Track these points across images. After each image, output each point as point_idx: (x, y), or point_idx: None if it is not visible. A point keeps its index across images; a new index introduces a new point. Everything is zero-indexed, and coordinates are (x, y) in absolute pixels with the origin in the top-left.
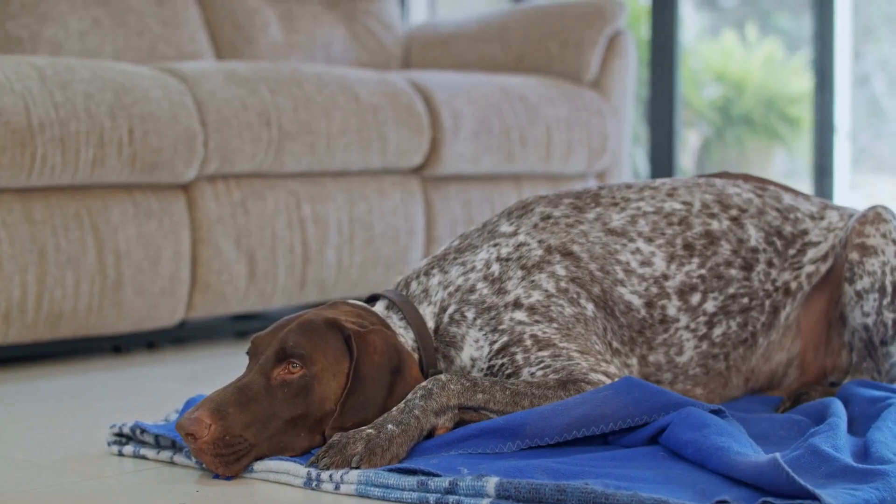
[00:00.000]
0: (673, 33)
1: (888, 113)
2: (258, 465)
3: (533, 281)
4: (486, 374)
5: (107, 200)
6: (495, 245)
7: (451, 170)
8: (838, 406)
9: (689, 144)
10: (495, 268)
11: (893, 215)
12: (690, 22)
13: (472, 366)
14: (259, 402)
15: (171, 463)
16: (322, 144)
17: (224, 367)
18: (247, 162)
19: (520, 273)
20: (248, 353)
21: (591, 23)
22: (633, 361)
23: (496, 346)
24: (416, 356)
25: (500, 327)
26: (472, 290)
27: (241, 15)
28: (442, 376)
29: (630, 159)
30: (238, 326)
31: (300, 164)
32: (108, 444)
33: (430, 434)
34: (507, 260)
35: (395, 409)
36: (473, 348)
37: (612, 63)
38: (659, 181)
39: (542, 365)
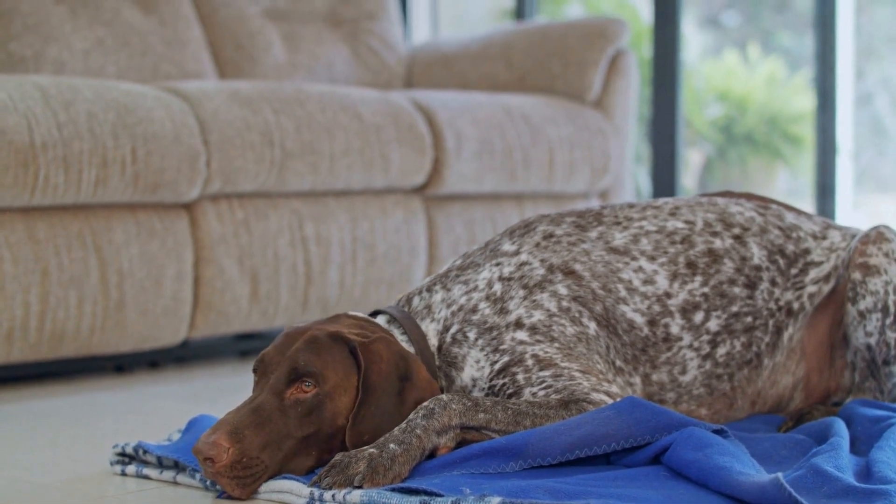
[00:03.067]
0: (675, 52)
1: (890, 132)
2: (262, 486)
3: (535, 300)
4: (487, 395)
5: (110, 220)
6: (497, 264)
7: (454, 189)
8: (841, 426)
9: (691, 164)
10: (497, 287)
11: None
12: (693, 41)
13: (473, 386)
14: (274, 422)
15: (174, 483)
16: (325, 164)
17: (227, 386)
18: (250, 181)
19: (521, 293)
20: (254, 370)
21: (594, 42)
22: (637, 380)
23: (497, 367)
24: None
25: (502, 347)
26: (474, 309)
27: (244, 35)
28: (443, 396)
29: (632, 179)
30: (241, 346)
31: (303, 184)
32: (111, 464)
33: (433, 454)
34: (510, 279)
35: (396, 428)
36: (474, 368)
37: (614, 83)
38: (661, 201)
39: (543, 385)
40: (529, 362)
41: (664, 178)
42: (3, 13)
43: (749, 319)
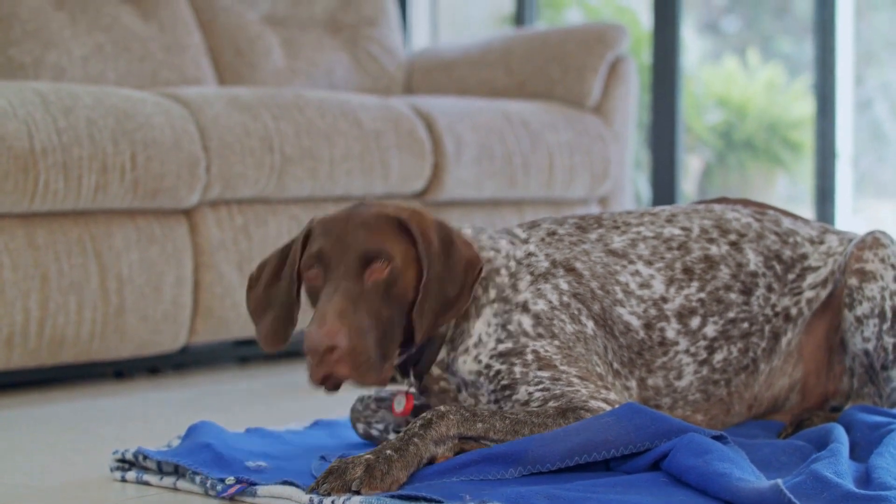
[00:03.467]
0: (675, 58)
1: (890, 137)
2: (261, 490)
3: (539, 289)
4: (483, 372)
5: (109, 226)
6: (513, 244)
7: (454, 195)
8: (840, 432)
9: (690, 169)
10: (512, 264)
11: (892, 240)
12: (692, 47)
13: (476, 347)
14: (365, 305)
15: (174, 489)
16: (324, 170)
17: (227, 392)
18: (249, 187)
19: (528, 278)
20: (308, 267)
21: (593, 48)
22: (633, 384)
23: (499, 349)
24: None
25: (508, 327)
26: (498, 271)
27: (244, 41)
28: (441, 407)
29: (632, 184)
30: (240, 352)
31: (302, 190)
32: (111, 470)
33: (430, 463)
34: (520, 262)
35: (394, 437)
36: (484, 329)
37: (613, 88)
38: (658, 208)
39: (540, 386)
40: (529, 357)
41: (664, 184)
42: (3, 19)
43: (745, 325)
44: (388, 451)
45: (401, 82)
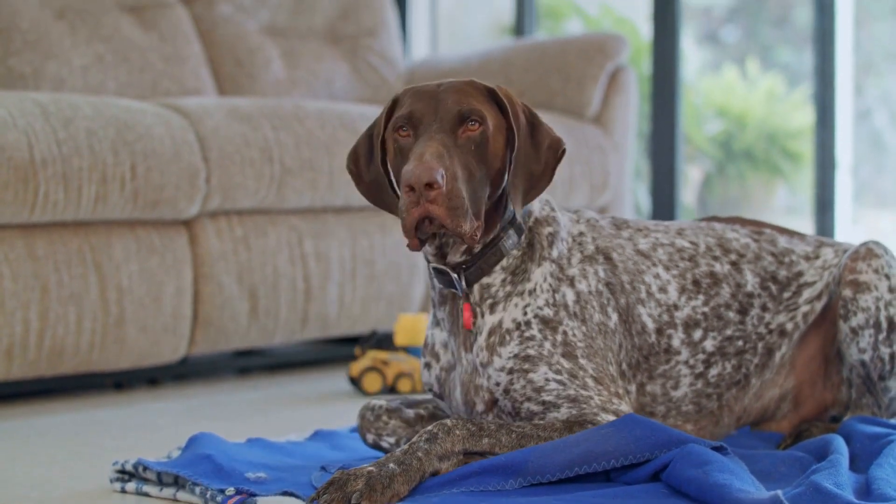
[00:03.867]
0: (674, 68)
1: (889, 147)
2: (261, 501)
3: (584, 269)
4: (521, 328)
5: (109, 237)
6: (570, 220)
7: None
8: (840, 443)
9: (690, 180)
10: (569, 238)
11: (885, 250)
12: (692, 57)
13: (530, 295)
14: (459, 156)
15: (174, 500)
16: (324, 181)
17: (226, 403)
18: (249, 198)
19: (579, 255)
20: (400, 127)
21: (593, 59)
22: (633, 388)
23: (544, 311)
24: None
25: (556, 296)
26: (561, 237)
27: (243, 51)
28: (447, 421)
29: (632, 195)
30: (240, 362)
31: (302, 201)
32: (111, 481)
33: (433, 476)
34: (574, 238)
35: (398, 450)
36: (540, 281)
37: (613, 99)
38: (667, 222)
39: (559, 377)
40: (559, 338)
41: (663, 194)
42: (3, 29)
43: (740, 343)
44: (391, 465)
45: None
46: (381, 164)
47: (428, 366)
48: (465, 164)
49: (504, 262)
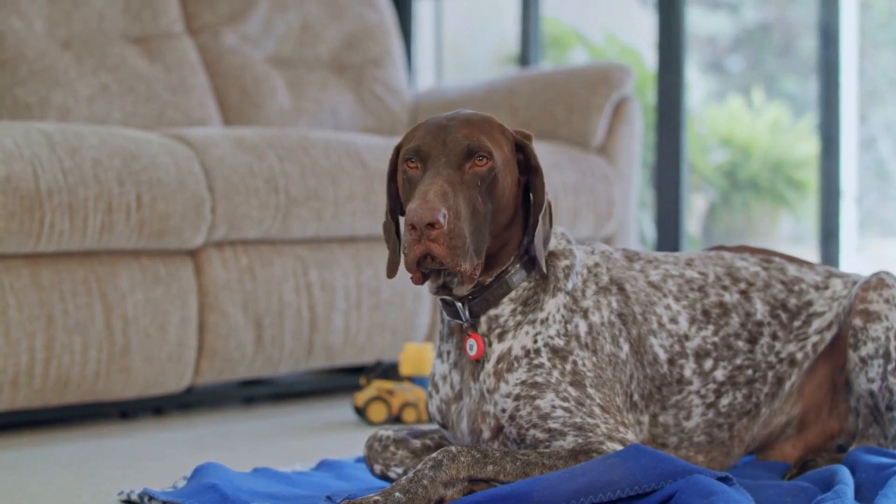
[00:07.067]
0: (679, 98)
1: (894, 176)
2: None
3: (598, 301)
4: (531, 355)
5: (115, 266)
6: (585, 252)
7: None
8: (845, 473)
9: (695, 209)
10: (584, 270)
11: None
12: (697, 87)
13: (542, 324)
14: (464, 193)
15: None
16: (329, 210)
17: (231, 433)
18: (254, 228)
19: (594, 287)
20: (408, 159)
21: (598, 89)
22: (645, 419)
23: (555, 341)
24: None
25: (568, 326)
26: (575, 270)
27: (249, 81)
28: (452, 448)
29: (637, 224)
30: (245, 392)
31: (307, 230)
32: None
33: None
34: (589, 270)
35: (403, 478)
36: (554, 311)
37: (618, 129)
38: (676, 253)
39: (566, 404)
40: (568, 367)
41: (668, 224)
42: (9, 59)
43: (749, 372)
44: (397, 493)
45: (405, 122)
46: (394, 195)
47: (430, 396)
48: (469, 200)
49: (513, 294)
